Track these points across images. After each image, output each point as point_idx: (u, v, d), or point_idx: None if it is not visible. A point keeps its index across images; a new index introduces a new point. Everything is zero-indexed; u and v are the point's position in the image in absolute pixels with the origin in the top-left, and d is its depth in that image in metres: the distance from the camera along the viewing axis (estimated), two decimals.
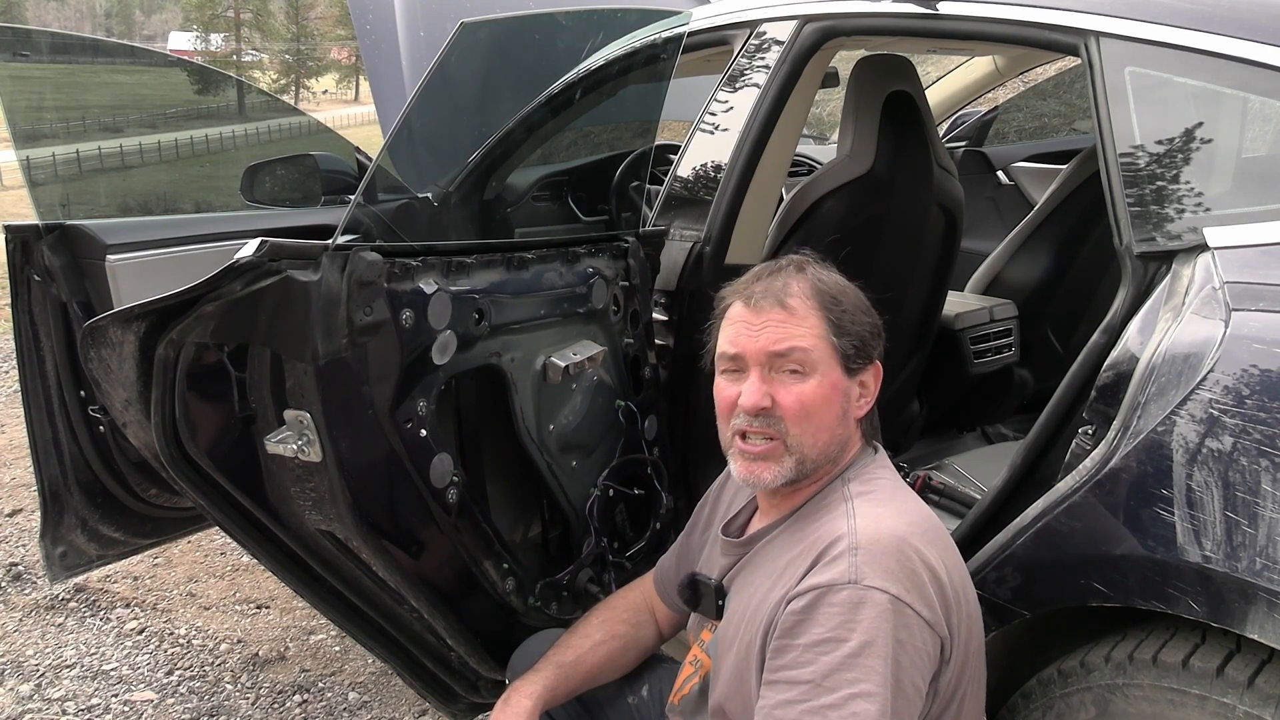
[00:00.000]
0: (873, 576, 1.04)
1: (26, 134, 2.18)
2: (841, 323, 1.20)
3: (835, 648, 1.02)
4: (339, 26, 56.98)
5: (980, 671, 1.18)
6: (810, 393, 1.17)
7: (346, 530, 1.42)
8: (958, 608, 1.10)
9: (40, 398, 2.00)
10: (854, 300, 1.23)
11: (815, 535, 1.14)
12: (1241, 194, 1.33)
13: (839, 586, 1.04)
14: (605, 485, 1.78)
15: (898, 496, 1.20)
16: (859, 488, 1.19)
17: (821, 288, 1.22)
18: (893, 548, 1.07)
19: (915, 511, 1.18)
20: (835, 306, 1.20)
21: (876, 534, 1.09)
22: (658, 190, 2.12)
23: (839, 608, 1.04)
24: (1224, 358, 1.12)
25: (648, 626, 1.53)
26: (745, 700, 1.15)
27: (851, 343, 1.20)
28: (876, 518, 1.13)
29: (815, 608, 1.05)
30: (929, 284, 2.36)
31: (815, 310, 1.20)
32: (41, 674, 2.48)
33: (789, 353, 1.18)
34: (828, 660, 1.02)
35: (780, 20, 1.95)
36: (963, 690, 1.12)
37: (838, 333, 1.19)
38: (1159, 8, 1.38)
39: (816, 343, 1.18)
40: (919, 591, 1.05)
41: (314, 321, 1.29)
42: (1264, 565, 1.05)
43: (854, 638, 1.02)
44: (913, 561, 1.06)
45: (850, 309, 1.22)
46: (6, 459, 4.02)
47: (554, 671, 1.42)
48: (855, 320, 1.21)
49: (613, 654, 1.48)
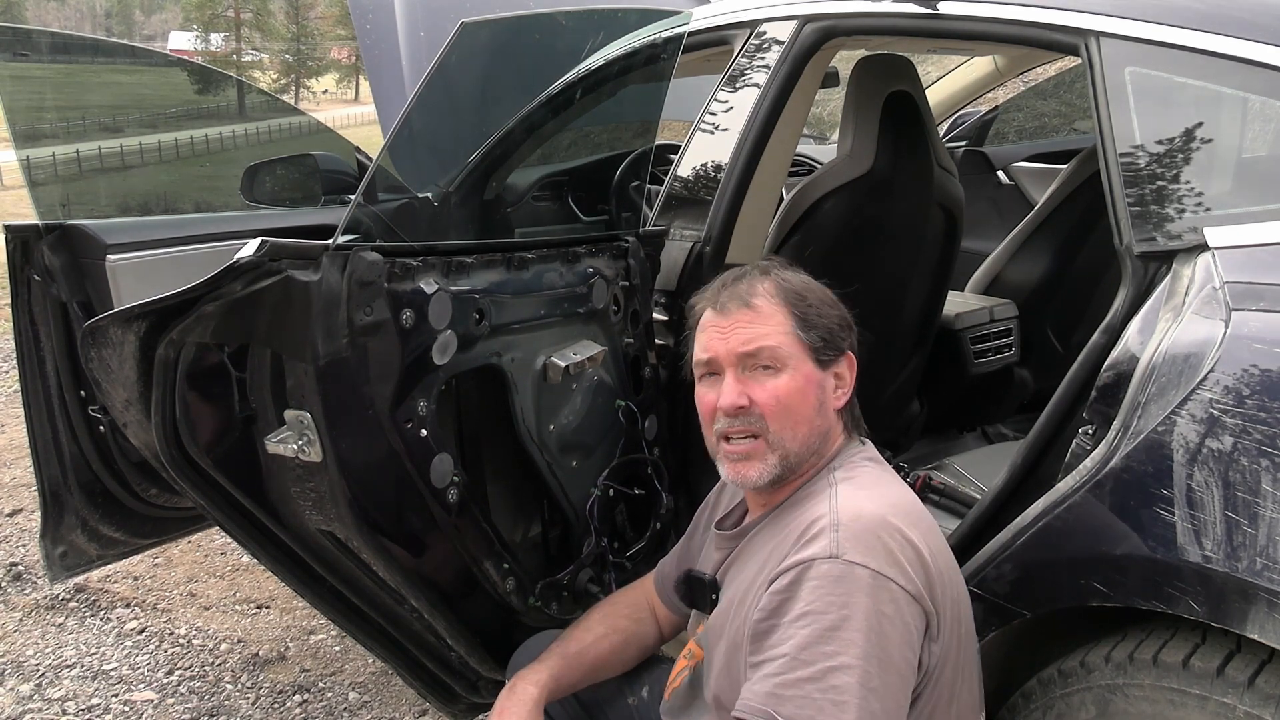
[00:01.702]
0: (853, 551, 1.05)
1: (26, 134, 2.18)
2: (807, 317, 1.23)
3: (814, 620, 1.03)
4: (339, 26, 56.96)
5: (973, 663, 1.19)
6: (784, 387, 1.20)
7: (346, 530, 1.42)
8: (942, 586, 1.10)
9: (40, 398, 2.00)
10: (819, 295, 1.26)
11: (800, 519, 1.15)
12: (1241, 194, 1.33)
13: (819, 561, 1.05)
14: (605, 485, 1.78)
15: (881, 481, 1.22)
16: (843, 474, 1.21)
17: (786, 286, 1.25)
18: (874, 524, 1.08)
19: (898, 495, 1.19)
20: (800, 302, 1.24)
21: (858, 512, 1.10)
22: (658, 190, 2.12)
23: (818, 581, 1.04)
24: (1224, 358, 1.12)
25: (649, 624, 1.54)
26: (735, 686, 1.15)
27: (820, 335, 1.23)
28: (858, 499, 1.14)
29: (797, 584, 1.06)
30: (929, 284, 2.36)
31: (780, 307, 1.23)
32: (41, 674, 2.48)
33: (758, 351, 1.21)
34: (806, 633, 1.03)
35: (780, 20, 1.95)
36: (951, 677, 1.12)
37: (804, 327, 1.22)
38: (1159, 8, 1.38)
39: (784, 339, 1.21)
40: (900, 566, 1.05)
41: (314, 321, 1.29)
42: (1264, 565, 1.05)
43: (833, 611, 1.02)
44: (894, 538, 1.07)
45: (816, 303, 1.25)
46: (6, 459, 4.02)
47: (558, 661, 1.43)
48: (821, 314, 1.24)
49: (615, 648, 1.49)
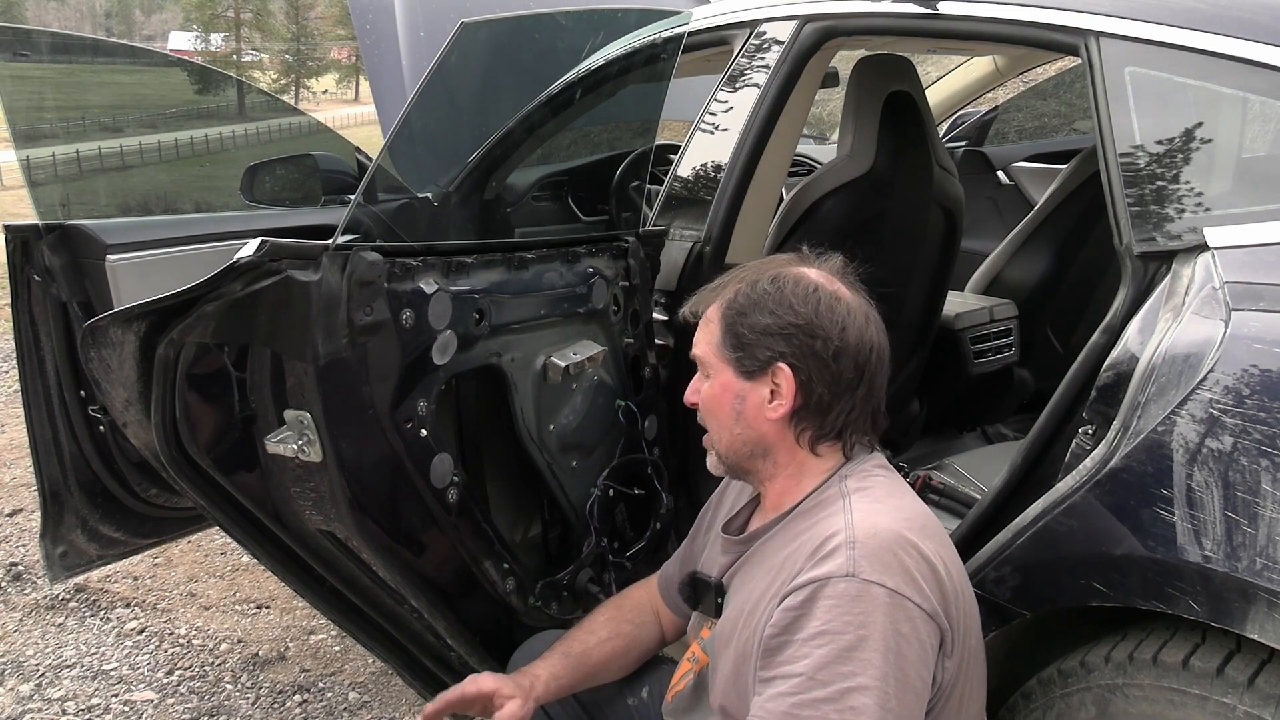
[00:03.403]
0: (870, 570, 1.04)
1: (26, 134, 2.18)
2: (735, 329, 1.22)
3: (831, 640, 1.02)
4: (339, 26, 56.94)
5: (980, 671, 1.18)
6: (705, 393, 1.27)
7: (346, 530, 1.42)
8: (957, 602, 1.09)
9: (40, 398, 2.00)
10: (770, 306, 1.22)
11: (812, 531, 1.14)
12: (1241, 194, 1.33)
13: (836, 580, 1.04)
14: (605, 485, 1.78)
15: (894, 493, 1.20)
16: (855, 484, 1.19)
17: (735, 301, 1.24)
18: (890, 542, 1.07)
19: (912, 508, 1.18)
20: (738, 318, 1.23)
21: (874, 528, 1.09)
22: (658, 190, 2.12)
23: (835, 600, 1.03)
24: (1224, 358, 1.12)
25: (652, 628, 1.53)
26: (743, 697, 1.15)
27: (740, 346, 1.22)
28: (873, 513, 1.13)
29: (812, 602, 1.05)
30: (929, 284, 2.36)
31: (719, 321, 1.25)
32: (41, 674, 2.48)
33: (696, 359, 1.29)
34: (823, 653, 1.02)
35: (780, 20, 1.95)
36: (962, 688, 1.12)
37: (728, 338, 1.23)
38: (1159, 8, 1.38)
39: (708, 349, 1.26)
40: (917, 584, 1.04)
41: (314, 321, 1.29)
42: (1264, 565, 1.05)
43: (851, 631, 1.01)
44: (910, 555, 1.06)
45: (755, 317, 1.21)
46: (6, 459, 4.02)
47: (561, 660, 1.43)
48: (754, 326, 1.21)
49: (616, 652, 1.49)
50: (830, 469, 1.23)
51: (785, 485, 1.25)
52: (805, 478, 1.24)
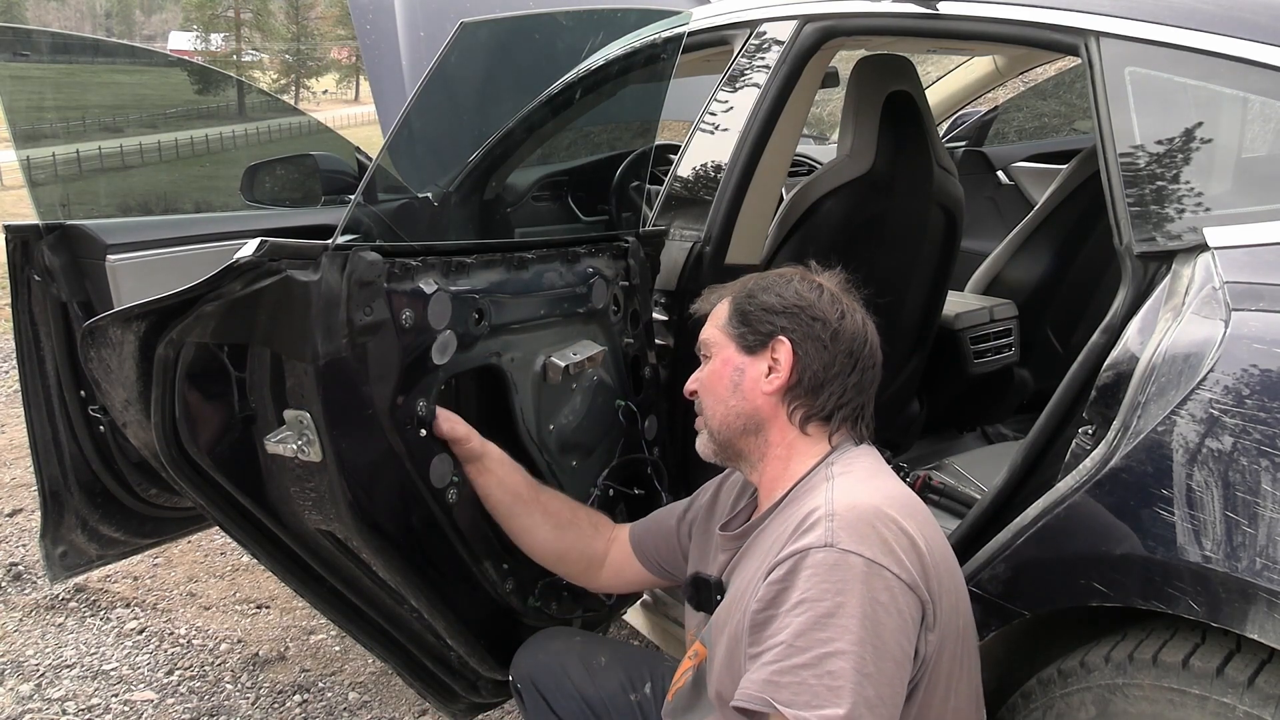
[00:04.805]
0: (848, 540, 1.06)
1: (26, 134, 2.18)
2: (741, 308, 1.32)
3: (810, 608, 1.04)
4: (339, 26, 56.93)
5: (971, 656, 1.19)
6: (706, 370, 1.35)
7: (346, 530, 1.42)
8: (938, 576, 1.10)
9: (40, 398, 2.00)
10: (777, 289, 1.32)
11: (797, 514, 1.16)
12: (1241, 194, 1.33)
13: (815, 550, 1.06)
14: (605, 485, 1.78)
15: (877, 475, 1.24)
16: (840, 469, 1.23)
17: (742, 289, 1.35)
18: (868, 514, 1.09)
19: (893, 488, 1.21)
20: (745, 299, 1.33)
21: (853, 503, 1.11)
22: (658, 190, 2.12)
23: (814, 570, 1.05)
24: (1224, 358, 1.12)
25: (599, 541, 1.60)
26: (737, 680, 1.15)
27: (743, 321, 1.31)
28: (854, 491, 1.16)
29: (793, 573, 1.07)
30: (929, 284, 2.36)
31: (728, 304, 1.35)
32: (41, 674, 2.48)
33: (700, 345, 1.37)
34: (801, 621, 1.04)
35: (780, 20, 1.95)
36: (949, 668, 1.12)
37: (734, 316, 1.33)
38: (1159, 8, 1.38)
39: (714, 331, 1.35)
40: (895, 555, 1.06)
41: (314, 321, 1.29)
42: (1264, 565, 1.05)
43: (828, 598, 1.03)
44: (889, 528, 1.08)
45: (761, 298, 1.31)
46: (6, 459, 4.02)
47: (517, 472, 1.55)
48: (757, 302, 1.31)
49: (556, 520, 1.57)
50: (819, 455, 1.26)
51: (775, 470, 1.28)
52: (794, 461, 1.27)
